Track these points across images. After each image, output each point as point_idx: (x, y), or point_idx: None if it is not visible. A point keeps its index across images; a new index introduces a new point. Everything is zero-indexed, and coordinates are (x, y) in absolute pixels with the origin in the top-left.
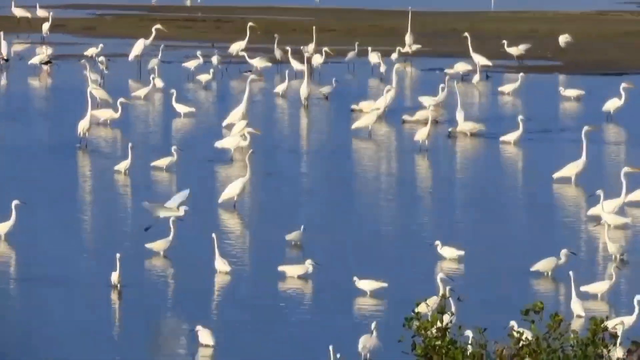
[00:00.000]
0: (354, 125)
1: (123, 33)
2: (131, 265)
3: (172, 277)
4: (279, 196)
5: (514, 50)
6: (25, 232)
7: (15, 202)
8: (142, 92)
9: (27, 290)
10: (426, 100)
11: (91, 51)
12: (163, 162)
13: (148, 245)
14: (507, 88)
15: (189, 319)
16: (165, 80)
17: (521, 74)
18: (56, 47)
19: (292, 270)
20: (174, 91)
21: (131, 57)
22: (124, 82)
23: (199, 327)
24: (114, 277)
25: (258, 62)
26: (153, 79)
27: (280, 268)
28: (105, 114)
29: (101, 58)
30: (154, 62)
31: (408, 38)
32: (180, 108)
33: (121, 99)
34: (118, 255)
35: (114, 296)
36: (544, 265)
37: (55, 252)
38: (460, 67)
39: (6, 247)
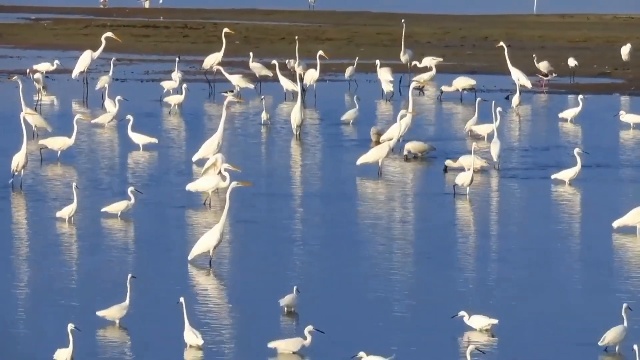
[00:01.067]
0: (360, 161)
1: (64, 43)
2: (81, 338)
3: (132, 352)
4: (265, 250)
5: (543, 66)
6: None
7: None
8: (104, 118)
9: None
10: (481, 129)
11: (43, 67)
12: (117, 207)
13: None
14: (568, 114)
15: None
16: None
17: (580, 96)
18: None
19: (286, 346)
20: (130, 117)
21: (75, 73)
22: (65, 105)
23: None
24: (63, 355)
25: (238, 81)
26: (119, 101)
27: (272, 344)
28: (57, 142)
29: (36, 75)
30: (104, 80)
31: (403, 56)
32: (138, 138)
33: (78, 116)
34: (70, 327)
35: None
36: (613, 336)
37: None
38: (461, 83)
39: None
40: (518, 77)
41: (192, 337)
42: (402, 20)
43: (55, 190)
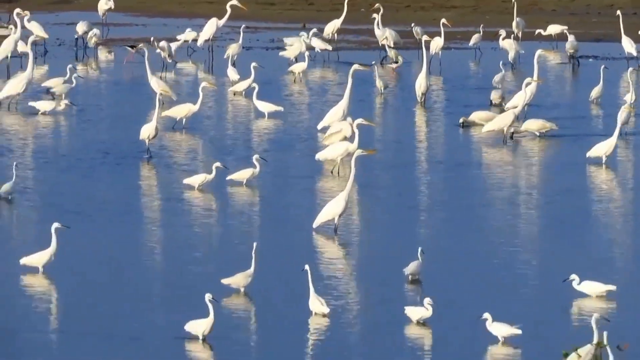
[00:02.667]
0: (485, 128)
1: (189, 11)
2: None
3: (258, 318)
4: (390, 218)
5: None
6: (74, 259)
7: (55, 226)
8: (240, 86)
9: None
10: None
11: (189, 35)
12: (242, 174)
13: (225, 282)
14: None
15: None
16: (242, 70)
17: None
18: (112, 27)
19: (414, 313)
20: (255, 85)
21: (200, 41)
22: (191, 74)
23: None
24: (202, 327)
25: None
26: (254, 68)
27: (408, 310)
28: (182, 109)
29: (162, 43)
30: (233, 48)
31: (515, 26)
32: (264, 106)
33: (204, 84)
34: (208, 296)
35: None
36: None
37: (111, 292)
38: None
39: (45, 282)
40: (627, 46)
41: (317, 304)
42: None
43: (181, 157)
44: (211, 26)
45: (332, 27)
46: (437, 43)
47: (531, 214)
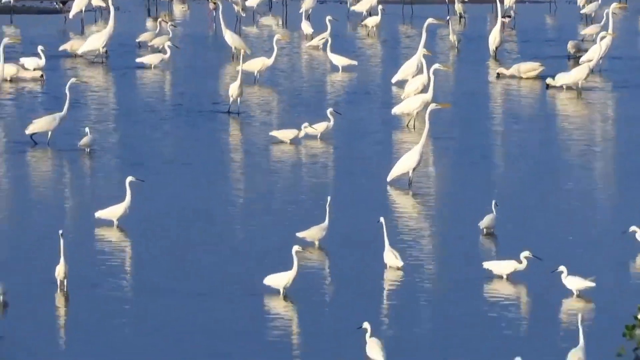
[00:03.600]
0: (559, 81)
1: None
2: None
3: (332, 271)
4: (464, 171)
5: None
6: (149, 213)
7: (130, 179)
8: (317, 39)
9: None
10: None
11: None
12: (317, 128)
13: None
14: None
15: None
16: (316, 24)
17: None
18: None
19: (499, 268)
20: (328, 39)
21: None
22: (266, 28)
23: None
24: (283, 280)
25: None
26: (329, 21)
27: (486, 264)
28: (256, 63)
29: None
30: (308, 3)
31: None
32: (338, 60)
33: (277, 36)
34: (296, 248)
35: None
36: None
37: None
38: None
39: (120, 235)
40: None
41: (391, 258)
42: None
43: (258, 111)
44: None
45: None
46: None
47: (607, 167)
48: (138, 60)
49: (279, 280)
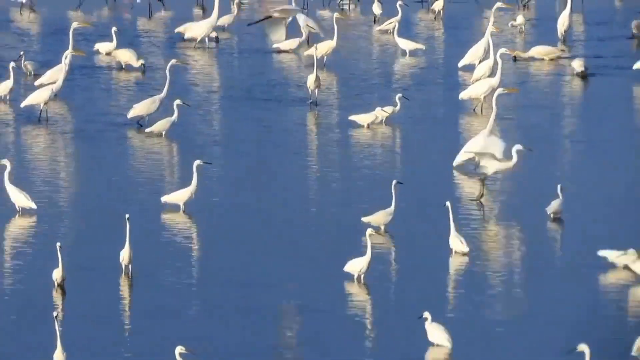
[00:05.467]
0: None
1: None
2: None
3: (399, 256)
4: (530, 155)
5: None
6: (215, 198)
7: (197, 163)
8: (387, 24)
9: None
10: None
11: None
12: (387, 110)
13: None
14: None
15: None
16: (386, 8)
17: None
18: None
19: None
20: (394, 22)
21: None
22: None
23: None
24: (359, 265)
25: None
26: (400, 6)
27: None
28: (322, 47)
29: None
30: None
31: None
32: (405, 44)
33: (336, 14)
34: (370, 231)
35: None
36: None
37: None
38: None
39: (186, 220)
40: None
41: (457, 243)
42: None
43: (323, 95)
44: None
45: None
46: None
47: None
48: (275, 46)
49: (355, 265)
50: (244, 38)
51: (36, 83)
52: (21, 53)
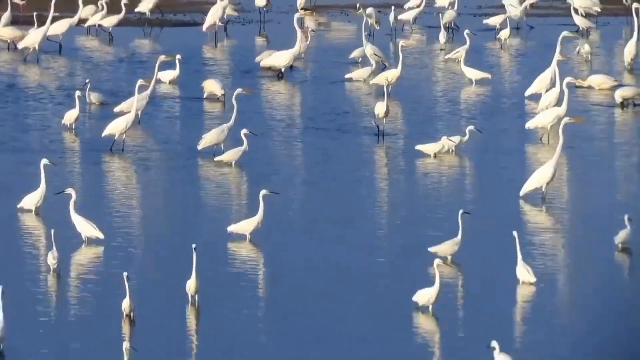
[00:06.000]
0: None
1: None
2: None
3: (466, 285)
4: (597, 185)
5: None
6: (279, 227)
7: (263, 192)
8: (455, 53)
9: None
10: None
11: (415, 1)
12: (454, 140)
13: None
14: None
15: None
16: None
17: None
18: None
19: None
20: (462, 51)
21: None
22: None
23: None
24: (426, 296)
25: (582, 22)
26: (468, 35)
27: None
28: (383, 74)
29: (369, 10)
30: (450, 15)
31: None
32: (472, 73)
33: (402, 43)
34: (437, 261)
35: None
36: None
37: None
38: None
39: (251, 249)
40: None
41: (524, 272)
42: None
43: (395, 123)
44: None
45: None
46: None
47: None
48: (348, 75)
49: (423, 295)
50: (313, 66)
51: (116, 110)
52: (86, 81)
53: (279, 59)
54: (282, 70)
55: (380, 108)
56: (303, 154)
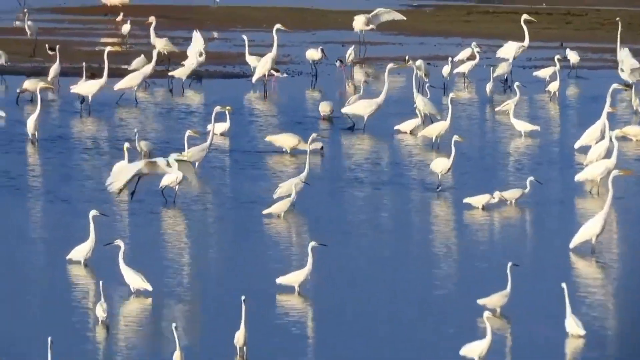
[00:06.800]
0: None
1: (446, 29)
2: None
3: (513, 338)
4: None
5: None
6: (330, 277)
7: (312, 244)
8: (507, 105)
9: None
10: None
11: (464, 53)
12: (513, 194)
13: None
14: None
15: None
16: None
17: None
18: (369, 46)
19: None
20: (511, 104)
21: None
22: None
23: None
24: (480, 348)
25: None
26: (518, 87)
27: None
28: (436, 128)
29: (418, 62)
30: (503, 68)
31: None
32: (520, 125)
33: (452, 95)
34: (486, 313)
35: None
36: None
37: None
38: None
39: (300, 301)
40: None
41: (573, 325)
42: None
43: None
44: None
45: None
46: None
47: None
48: (396, 127)
49: (473, 349)
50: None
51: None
52: (135, 131)
53: (361, 108)
54: (365, 119)
55: (440, 165)
56: (351, 206)
